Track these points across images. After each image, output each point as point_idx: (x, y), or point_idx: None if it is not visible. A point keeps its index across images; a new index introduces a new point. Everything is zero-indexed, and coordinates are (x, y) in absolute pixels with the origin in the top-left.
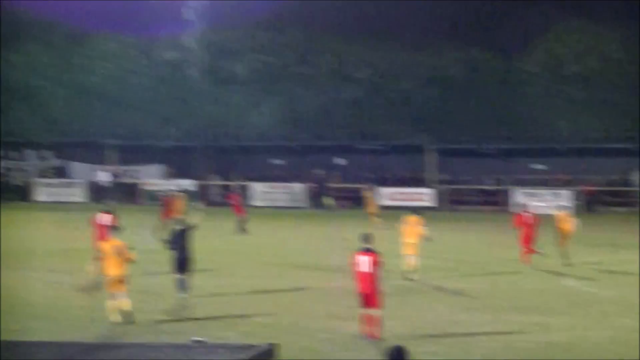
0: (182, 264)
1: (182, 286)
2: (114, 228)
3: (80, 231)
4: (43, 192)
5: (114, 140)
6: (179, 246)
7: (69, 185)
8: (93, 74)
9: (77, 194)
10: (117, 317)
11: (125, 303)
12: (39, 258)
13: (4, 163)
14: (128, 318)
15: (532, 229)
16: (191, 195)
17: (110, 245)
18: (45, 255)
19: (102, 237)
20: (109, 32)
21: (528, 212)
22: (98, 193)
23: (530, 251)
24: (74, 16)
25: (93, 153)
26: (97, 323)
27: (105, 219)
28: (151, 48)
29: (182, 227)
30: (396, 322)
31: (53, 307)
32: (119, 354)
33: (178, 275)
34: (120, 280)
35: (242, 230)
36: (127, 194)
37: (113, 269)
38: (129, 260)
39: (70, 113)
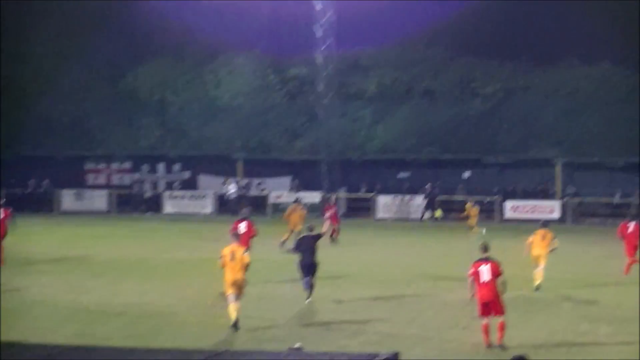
0: (309, 269)
1: (308, 288)
2: (251, 235)
3: (206, 241)
4: (172, 204)
5: (243, 153)
6: (307, 252)
7: (197, 197)
8: (223, 90)
9: (205, 206)
10: (234, 316)
11: (235, 311)
12: (165, 267)
13: (137, 176)
14: (235, 327)
15: (635, 239)
16: (318, 208)
17: (230, 250)
18: (172, 264)
19: (242, 244)
20: (239, 48)
21: (632, 222)
22: (225, 205)
23: (633, 261)
24: (205, 33)
25: (221, 166)
26: (224, 330)
27: (243, 226)
28: (281, 64)
29: (310, 234)
30: (519, 332)
31: (175, 314)
32: None
33: (305, 279)
34: (238, 285)
35: (333, 240)
36: (254, 206)
37: (231, 274)
38: (247, 266)
39: (199, 127)
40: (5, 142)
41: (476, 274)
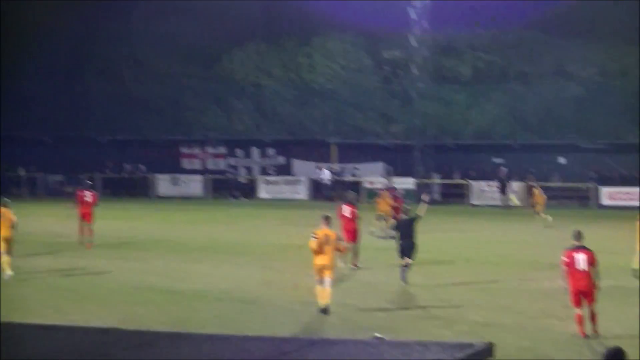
0: (407, 251)
1: (405, 270)
2: (355, 218)
3: (300, 227)
4: (266, 189)
5: (336, 138)
6: (405, 234)
7: (291, 182)
8: (318, 74)
9: (299, 192)
10: (325, 301)
11: (327, 296)
12: (260, 253)
13: (231, 161)
14: (324, 310)
15: None
16: (411, 194)
17: (323, 233)
18: (266, 250)
19: (346, 227)
20: (334, 32)
21: None
22: (319, 191)
23: None
24: (300, 16)
25: (315, 151)
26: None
27: (346, 210)
28: (375, 47)
29: (409, 217)
30: (615, 322)
31: (270, 301)
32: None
33: (403, 261)
34: (326, 268)
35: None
36: (347, 191)
37: (322, 257)
38: (338, 251)
39: (294, 111)
40: (102, 127)
41: (570, 263)
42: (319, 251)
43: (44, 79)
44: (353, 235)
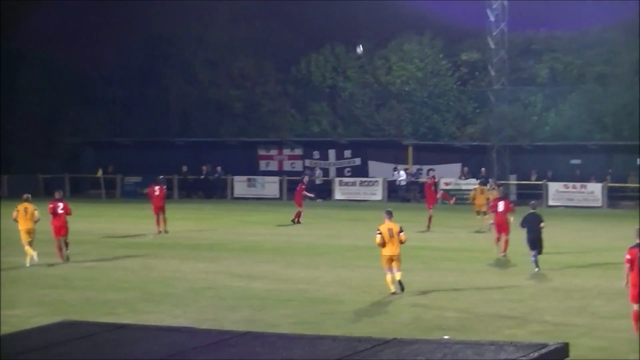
0: (535, 243)
1: (534, 261)
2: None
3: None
4: (342, 191)
5: (412, 139)
6: (532, 228)
7: (367, 184)
8: (394, 75)
9: (375, 193)
10: (393, 288)
11: (398, 275)
12: (334, 253)
13: (307, 162)
14: (401, 286)
15: None
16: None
17: (387, 227)
18: (341, 250)
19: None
20: (411, 34)
21: None
22: (395, 192)
23: None
24: (377, 19)
25: (392, 152)
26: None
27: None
28: (452, 49)
29: (535, 212)
30: None
31: (343, 301)
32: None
33: (532, 252)
34: (394, 259)
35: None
36: (423, 192)
37: (390, 250)
38: (402, 242)
39: (370, 113)
40: (180, 129)
41: (633, 261)
42: (385, 244)
43: (122, 83)
44: (506, 227)
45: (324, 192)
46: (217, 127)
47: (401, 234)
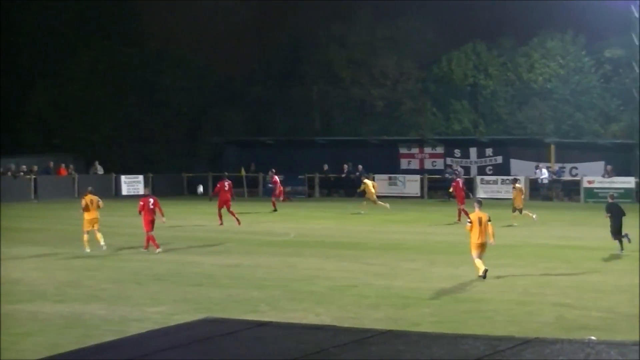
0: (618, 230)
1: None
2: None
3: (515, 227)
4: (483, 189)
5: (555, 137)
6: (616, 217)
7: (509, 182)
8: (536, 73)
9: None
10: (483, 268)
11: (481, 263)
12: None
13: (449, 161)
14: (484, 273)
15: None
16: (630, 193)
17: (476, 216)
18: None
19: None
20: (553, 31)
21: None
22: (537, 190)
23: None
24: (519, 16)
25: (533, 150)
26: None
27: None
28: (595, 46)
29: (615, 202)
30: None
31: (486, 300)
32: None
33: (616, 238)
34: (481, 246)
35: None
36: (566, 191)
37: (477, 237)
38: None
39: (512, 111)
40: (320, 128)
41: None
42: (474, 231)
43: (265, 82)
44: None
45: (465, 190)
46: (359, 126)
47: (489, 222)
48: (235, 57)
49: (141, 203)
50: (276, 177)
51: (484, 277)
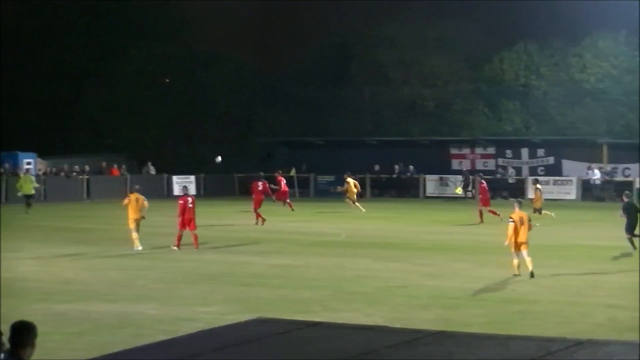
0: (632, 228)
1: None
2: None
3: (570, 228)
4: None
5: (607, 138)
6: (631, 215)
7: (561, 183)
8: (588, 73)
9: (569, 192)
10: (518, 272)
11: (530, 262)
12: None
13: (500, 161)
14: (531, 274)
15: None
16: None
17: (517, 216)
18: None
19: None
20: (605, 31)
21: None
22: (589, 191)
23: None
24: (571, 16)
25: (586, 151)
26: (587, 319)
27: None
28: None
29: (631, 201)
30: None
31: (537, 301)
32: (598, 351)
33: (627, 235)
34: (523, 245)
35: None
36: (618, 192)
37: (519, 235)
38: (529, 229)
39: (564, 111)
40: (371, 128)
41: None
42: (517, 231)
43: (315, 82)
44: None
45: (516, 191)
46: (409, 126)
47: (530, 222)
48: (286, 57)
49: (181, 202)
50: (281, 177)
51: (528, 275)
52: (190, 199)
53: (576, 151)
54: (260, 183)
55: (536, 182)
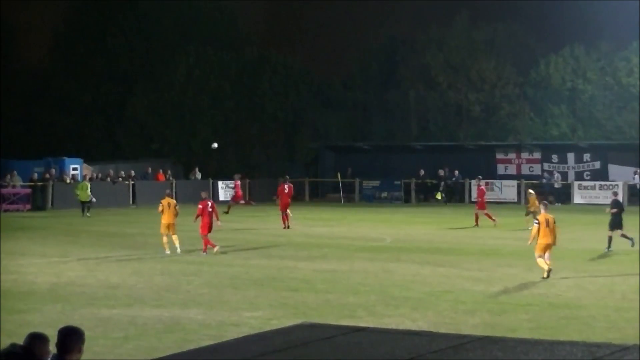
0: (617, 224)
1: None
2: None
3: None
4: (581, 195)
5: None
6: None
7: (607, 187)
8: (636, 77)
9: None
10: (544, 275)
11: (548, 263)
12: (574, 258)
13: (546, 166)
14: (548, 274)
15: None
16: None
17: (544, 218)
18: (581, 254)
19: None
20: None
21: None
22: (635, 196)
23: None
24: (619, 20)
25: (632, 155)
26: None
27: None
28: None
29: (618, 199)
30: None
31: (584, 306)
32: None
33: (611, 232)
34: (549, 246)
35: None
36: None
37: (544, 238)
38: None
39: (610, 116)
40: (417, 133)
41: None
42: (542, 232)
43: (362, 86)
44: None
45: (562, 195)
46: (456, 131)
47: (555, 224)
48: (333, 62)
49: (200, 207)
50: (238, 182)
51: (548, 274)
52: (210, 203)
53: (623, 155)
54: (286, 186)
55: (532, 187)
